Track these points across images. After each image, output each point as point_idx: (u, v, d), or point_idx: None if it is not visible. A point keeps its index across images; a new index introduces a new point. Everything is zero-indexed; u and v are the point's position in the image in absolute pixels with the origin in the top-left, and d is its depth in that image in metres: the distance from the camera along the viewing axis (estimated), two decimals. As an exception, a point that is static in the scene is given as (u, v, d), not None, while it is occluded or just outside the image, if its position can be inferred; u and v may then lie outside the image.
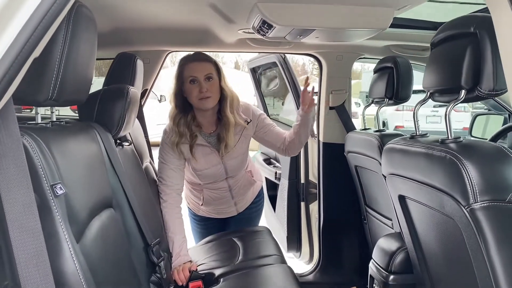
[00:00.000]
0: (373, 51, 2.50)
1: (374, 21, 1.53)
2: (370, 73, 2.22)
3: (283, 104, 3.76)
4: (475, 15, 1.16)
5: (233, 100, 2.00)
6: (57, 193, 0.92)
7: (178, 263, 1.84)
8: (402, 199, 1.51)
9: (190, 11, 1.80)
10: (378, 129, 2.12)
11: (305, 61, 29.88)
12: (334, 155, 2.55)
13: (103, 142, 1.37)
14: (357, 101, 13.75)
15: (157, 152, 2.05)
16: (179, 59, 2.06)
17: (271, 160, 3.35)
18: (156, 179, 2.11)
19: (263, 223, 2.75)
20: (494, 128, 2.70)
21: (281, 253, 2.09)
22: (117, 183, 1.41)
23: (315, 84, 2.26)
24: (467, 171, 1.06)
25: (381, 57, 2.12)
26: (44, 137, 0.96)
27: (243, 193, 2.27)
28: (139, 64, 1.91)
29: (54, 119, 1.15)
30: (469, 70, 1.14)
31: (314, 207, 2.80)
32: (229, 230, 2.33)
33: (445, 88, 1.26)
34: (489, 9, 0.95)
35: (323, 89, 2.60)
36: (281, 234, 2.94)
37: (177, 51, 2.54)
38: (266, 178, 3.23)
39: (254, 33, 1.77)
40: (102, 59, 2.59)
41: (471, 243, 1.09)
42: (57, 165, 0.96)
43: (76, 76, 1.06)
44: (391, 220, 2.01)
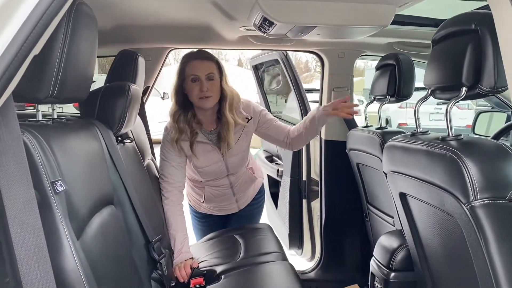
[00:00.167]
0: (375, 48, 2.49)
1: (375, 18, 1.52)
2: (373, 70, 2.21)
3: (286, 101, 3.76)
4: (476, 12, 1.16)
5: (233, 100, 2.00)
6: (58, 190, 0.92)
7: (179, 260, 1.84)
8: (403, 196, 1.51)
9: (191, 8, 1.80)
10: (380, 126, 2.12)
11: (309, 58, 29.78)
12: (336, 152, 2.55)
13: (104, 139, 1.37)
14: (360, 98, 13.71)
15: (159, 150, 2.05)
16: (181, 56, 2.06)
17: (273, 157, 3.34)
18: (158, 176, 2.11)
19: (264, 220, 2.75)
20: (497, 125, 2.69)
21: (282, 250, 2.09)
22: (118, 180, 1.42)
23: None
24: (467, 168, 1.05)
25: (383, 55, 2.11)
26: (45, 134, 0.96)
27: (244, 189, 2.27)
28: (141, 61, 1.91)
29: (55, 117, 1.16)
30: (470, 67, 1.13)
31: (316, 204, 2.80)
32: (230, 227, 2.34)
33: (446, 85, 1.25)
34: (490, 6, 0.95)
35: (325, 87, 2.59)
36: (283, 232, 2.94)
37: (178, 48, 2.55)
38: (268, 175, 3.23)
39: (256, 30, 1.77)
40: (103, 57, 2.59)
41: (471, 240, 1.09)
42: (57, 162, 0.96)
43: (76, 74, 1.07)
44: (392, 217, 2.01)
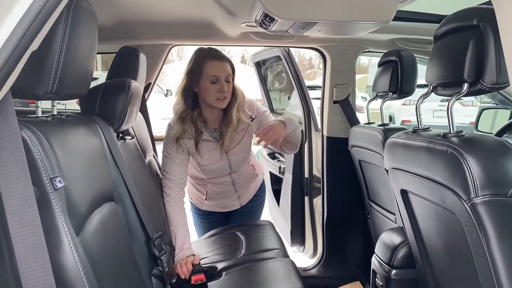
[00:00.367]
0: (377, 44, 2.48)
1: (377, 14, 1.51)
2: (377, 67, 2.20)
3: (289, 98, 3.74)
4: (478, 8, 1.14)
5: (242, 100, 2.02)
6: (57, 186, 0.91)
7: (181, 257, 1.85)
8: (404, 193, 1.50)
9: (192, 4, 1.79)
10: (382, 123, 2.11)
11: (312, 55, 29.71)
12: (338, 149, 2.54)
13: (104, 135, 1.37)
14: (364, 95, 13.66)
15: (161, 146, 2.05)
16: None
17: (275, 154, 3.34)
18: (160, 173, 2.11)
19: (266, 217, 2.75)
20: (501, 122, 2.67)
21: (283, 247, 2.09)
22: (119, 177, 1.42)
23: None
24: (468, 165, 1.05)
25: (386, 51, 2.10)
26: (44, 131, 0.96)
27: (246, 186, 2.28)
28: (142, 58, 1.91)
29: (55, 113, 1.16)
30: (472, 63, 1.12)
31: (318, 201, 2.79)
32: (232, 223, 2.34)
33: (447, 81, 1.24)
34: (492, 1, 0.93)
35: (327, 83, 2.58)
36: (285, 229, 2.94)
37: (180, 44, 2.54)
38: (270, 172, 3.23)
39: (257, 27, 1.76)
40: (104, 53, 2.59)
41: (472, 237, 1.08)
42: (56, 158, 0.96)
43: (76, 70, 1.06)
44: (394, 214, 2.01)
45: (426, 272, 1.50)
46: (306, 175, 2.82)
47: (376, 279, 1.72)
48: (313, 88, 6.83)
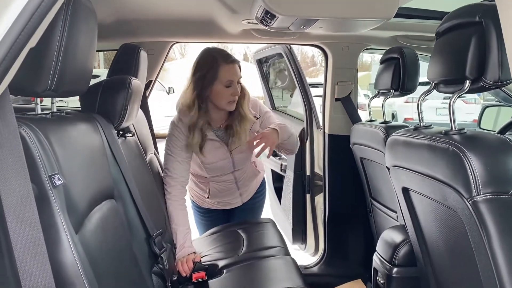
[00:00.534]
0: (379, 41, 2.47)
1: (378, 11, 1.50)
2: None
3: (291, 96, 3.73)
4: (480, 4, 1.13)
5: (248, 98, 2.03)
6: (56, 183, 0.91)
7: (182, 254, 1.84)
8: (405, 191, 1.49)
9: (193, 1, 1.79)
10: (384, 120, 2.10)
11: (315, 53, 29.62)
12: (339, 147, 2.53)
13: (104, 133, 1.37)
14: (367, 93, 13.61)
15: (164, 144, 2.04)
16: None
17: (277, 152, 3.33)
18: (161, 171, 2.11)
19: (268, 215, 2.75)
20: (504, 120, 2.65)
21: (285, 245, 2.09)
22: (119, 174, 1.41)
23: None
24: (470, 163, 1.04)
25: (388, 48, 2.09)
26: (43, 128, 0.96)
27: (248, 184, 2.29)
28: (143, 55, 1.90)
29: (55, 110, 1.15)
30: (474, 60, 1.11)
31: (319, 199, 2.79)
32: (233, 221, 2.35)
33: (449, 78, 1.23)
34: (494, -3, 0.93)
35: (329, 81, 2.57)
36: (286, 226, 2.93)
37: (181, 42, 2.54)
38: (272, 170, 3.23)
39: (258, 24, 1.76)
40: (105, 51, 2.59)
41: (473, 235, 1.08)
42: (55, 155, 0.95)
43: (75, 67, 1.06)
44: (396, 212, 2.00)
45: (427, 270, 1.49)
46: (308, 172, 2.81)
47: (378, 277, 1.71)
48: (315, 85, 6.81)
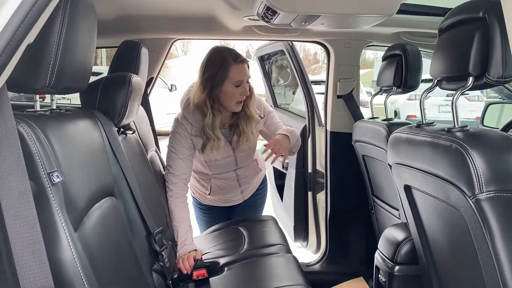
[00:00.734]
0: (382, 38, 2.45)
1: (380, 7, 1.48)
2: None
3: (293, 93, 3.72)
4: (484, 0, 1.12)
5: (254, 98, 2.04)
6: (54, 181, 0.90)
7: (183, 252, 1.84)
8: (407, 189, 1.48)
9: None
10: (386, 118, 2.09)
11: (317, 50, 29.54)
12: (341, 144, 2.52)
13: (104, 130, 1.36)
14: (369, 90, 13.55)
15: (166, 142, 2.03)
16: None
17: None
18: (162, 168, 2.10)
19: (270, 212, 2.74)
20: (507, 117, 2.64)
21: (286, 242, 2.08)
22: (119, 171, 1.40)
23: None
24: (473, 160, 1.03)
25: (391, 45, 2.07)
26: (42, 125, 0.95)
27: (249, 181, 2.29)
28: (144, 52, 1.89)
29: (54, 107, 1.14)
30: (477, 56, 1.10)
31: (321, 196, 2.78)
32: (234, 218, 2.34)
33: (452, 75, 1.22)
34: (497, -8, 0.91)
35: (331, 78, 2.56)
36: (288, 224, 2.93)
37: (183, 39, 2.53)
38: (273, 167, 3.22)
39: (260, 20, 1.74)
40: (106, 47, 2.58)
41: (476, 234, 1.07)
42: (54, 152, 0.95)
43: (74, 64, 1.05)
44: (398, 210, 1.99)
45: (429, 268, 1.48)
46: (310, 170, 2.80)
47: (379, 275, 1.71)
48: (317, 83, 6.79)
